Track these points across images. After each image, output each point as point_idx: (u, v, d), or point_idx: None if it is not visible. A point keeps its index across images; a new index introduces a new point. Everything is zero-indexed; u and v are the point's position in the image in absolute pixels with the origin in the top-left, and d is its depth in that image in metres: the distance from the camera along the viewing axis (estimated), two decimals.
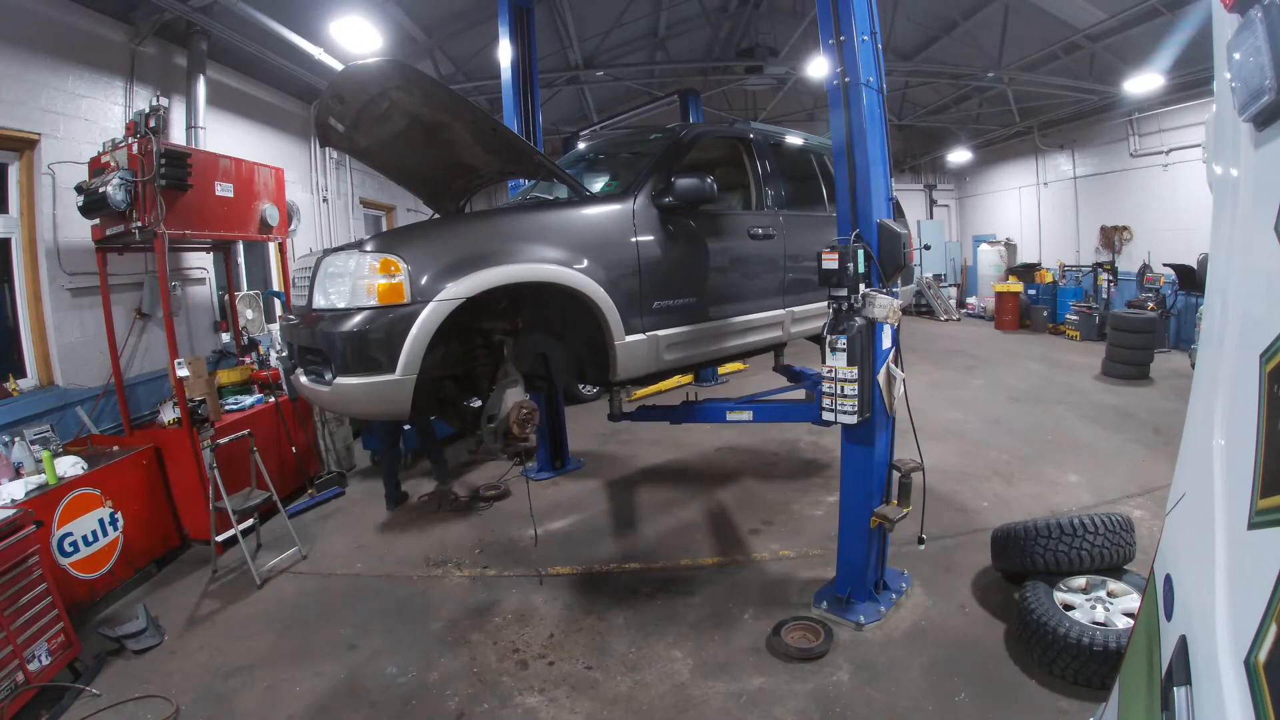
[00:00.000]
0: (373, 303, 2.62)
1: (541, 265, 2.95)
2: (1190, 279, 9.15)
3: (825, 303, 3.35)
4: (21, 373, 4.57)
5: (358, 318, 2.61)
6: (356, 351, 2.60)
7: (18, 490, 3.59)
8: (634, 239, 3.31)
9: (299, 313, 2.97)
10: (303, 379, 2.87)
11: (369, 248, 2.71)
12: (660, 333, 3.41)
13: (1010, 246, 14.46)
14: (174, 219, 4.50)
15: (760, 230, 4.01)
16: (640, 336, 3.32)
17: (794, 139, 4.87)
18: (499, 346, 3.21)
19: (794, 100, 12.45)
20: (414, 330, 2.61)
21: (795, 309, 4.27)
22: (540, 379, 3.62)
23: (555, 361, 3.51)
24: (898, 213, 4.57)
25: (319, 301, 2.76)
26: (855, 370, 3.15)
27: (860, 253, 3.18)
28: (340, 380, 2.63)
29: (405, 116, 3.17)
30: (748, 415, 4.24)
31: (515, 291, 2.95)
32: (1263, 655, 0.79)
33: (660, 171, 3.54)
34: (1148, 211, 10.78)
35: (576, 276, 3.02)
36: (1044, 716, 2.75)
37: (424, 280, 2.67)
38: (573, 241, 3.12)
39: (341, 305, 2.68)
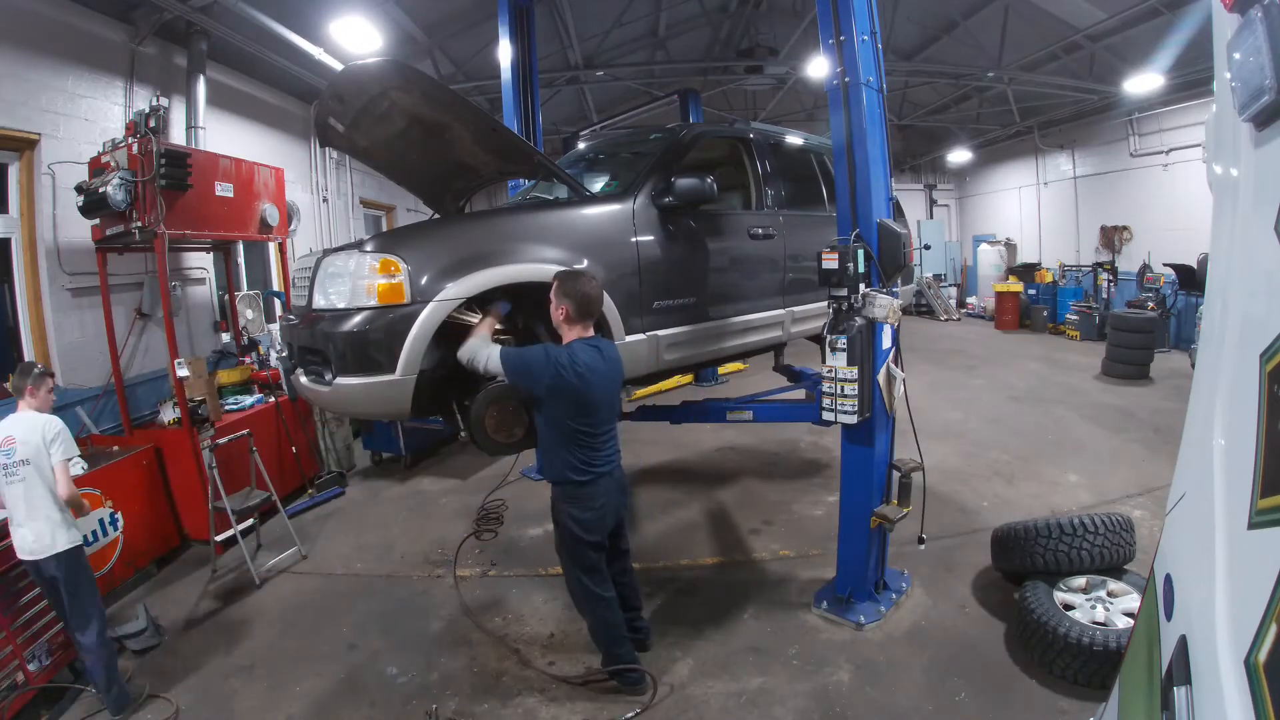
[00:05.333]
0: (373, 303, 2.62)
1: (542, 265, 2.95)
2: (1190, 279, 9.15)
3: (825, 303, 3.35)
4: None
5: (358, 318, 2.61)
6: (356, 352, 2.60)
7: None
8: (634, 239, 3.31)
9: (299, 313, 2.97)
10: (303, 379, 2.87)
11: (369, 248, 2.71)
12: (660, 332, 3.41)
13: (1010, 246, 14.46)
14: (174, 219, 4.50)
15: (760, 230, 4.01)
16: (640, 336, 3.31)
17: (794, 139, 4.87)
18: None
19: (794, 100, 12.45)
20: (414, 330, 2.61)
21: (795, 309, 4.27)
22: None
23: None
24: (898, 213, 4.57)
25: (319, 301, 2.76)
26: (855, 370, 3.15)
27: (860, 253, 3.19)
28: (340, 380, 2.63)
29: (405, 116, 3.17)
30: (748, 415, 4.23)
31: (515, 291, 2.95)
32: (1263, 655, 0.79)
33: (660, 171, 3.53)
34: (1148, 211, 10.78)
35: None
36: (1044, 716, 2.75)
37: (424, 280, 2.67)
38: (573, 241, 3.12)
39: (341, 305, 2.68)
